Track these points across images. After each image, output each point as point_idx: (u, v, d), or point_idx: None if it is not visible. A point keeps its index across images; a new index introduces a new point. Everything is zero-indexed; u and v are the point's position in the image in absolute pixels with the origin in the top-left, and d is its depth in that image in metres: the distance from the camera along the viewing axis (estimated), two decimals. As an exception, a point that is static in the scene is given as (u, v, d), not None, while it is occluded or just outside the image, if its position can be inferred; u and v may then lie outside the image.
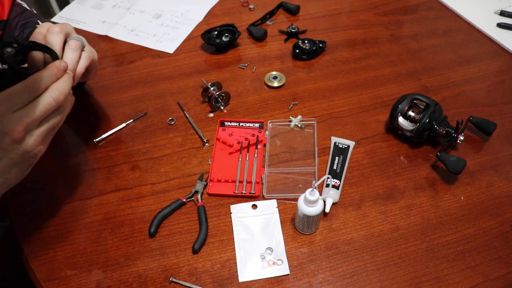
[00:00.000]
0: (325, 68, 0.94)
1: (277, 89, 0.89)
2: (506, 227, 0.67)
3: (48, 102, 0.50)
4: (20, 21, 0.80)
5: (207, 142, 0.79)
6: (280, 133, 0.80)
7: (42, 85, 0.50)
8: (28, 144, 0.50)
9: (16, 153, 0.49)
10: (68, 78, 0.54)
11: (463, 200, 0.70)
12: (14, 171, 0.51)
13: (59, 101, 0.51)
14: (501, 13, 1.06)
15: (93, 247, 0.65)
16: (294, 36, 1.01)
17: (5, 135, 0.47)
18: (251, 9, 1.10)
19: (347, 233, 0.66)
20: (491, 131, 0.77)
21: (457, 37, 1.02)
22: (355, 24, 1.05)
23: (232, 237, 0.66)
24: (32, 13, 0.84)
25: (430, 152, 0.77)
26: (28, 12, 0.84)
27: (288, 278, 0.62)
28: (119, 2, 1.12)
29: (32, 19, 0.81)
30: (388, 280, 0.61)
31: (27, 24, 0.80)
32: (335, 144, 0.77)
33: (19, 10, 0.83)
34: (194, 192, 0.71)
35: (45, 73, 0.51)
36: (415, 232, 0.66)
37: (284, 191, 0.71)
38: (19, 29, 0.79)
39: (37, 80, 0.50)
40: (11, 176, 0.51)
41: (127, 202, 0.70)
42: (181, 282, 0.61)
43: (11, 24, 0.80)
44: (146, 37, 1.02)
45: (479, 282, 0.61)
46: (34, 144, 0.50)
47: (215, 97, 0.83)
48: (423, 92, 0.87)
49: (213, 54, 0.97)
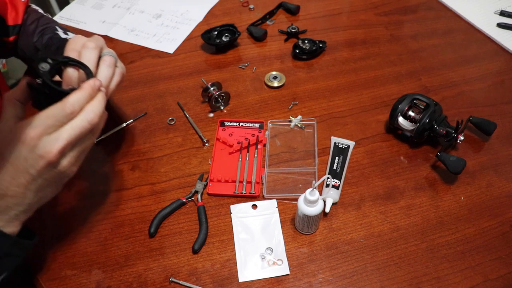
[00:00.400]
0: (325, 68, 0.94)
1: (277, 89, 0.89)
2: (506, 227, 0.67)
3: (83, 125, 0.50)
4: (38, 27, 0.81)
5: (207, 142, 0.79)
6: (280, 133, 0.80)
7: (77, 107, 0.50)
8: (63, 165, 0.50)
9: (50, 175, 0.50)
10: (102, 97, 0.53)
11: (463, 200, 0.70)
12: (48, 190, 0.52)
13: (94, 123, 0.51)
14: (501, 13, 1.06)
15: (93, 247, 0.65)
16: (294, 36, 1.01)
17: (40, 158, 0.48)
18: (251, 9, 1.10)
19: (347, 233, 0.66)
20: (491, 131, 0.77)
21: (457, 37, 1.02)
22: (355, 24, 1.05)
23: (232, 237, 0.66)
24: (49, 19, 0.85)
25: (430, 152, 0.77)
26: (45, 17, 0.84)
27: (288, 278, 0.62)
28: (119, 2, 1.12)
29: (50, 25, 0.82)
30: (388, 280, 0.61)
31: (46, 30, 0.80)
32: (335, 144, 0.77)
33: (35, 16, 0.83)
34: (194, 192, 0.71)
35: (80, 94, 0.51)
36: (415, 232, 0.66)
37: (284, 191, 0.71)
38: (37, 35, 0.79)
39: (72, 103, 0.50)
40: (45, 195, 0.52)
41: (127, 202, 0.70)
42: (181, 282, 0.61)
43: (28, 30, 0.81)
44: (146, 37, 1.02)
45: (479, 282, 0.61)
46: (68, 165, 0.51)
47: (215, 97, 0.83)
48: (423, 92, 0.87)
49: (213, 54, 0.97)
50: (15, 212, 0.50)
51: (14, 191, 0.49)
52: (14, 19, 0.81)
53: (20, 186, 0.49)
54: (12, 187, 0.49)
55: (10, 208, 0.50)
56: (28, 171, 0.48)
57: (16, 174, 0.48)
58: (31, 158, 0.48)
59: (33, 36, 0.80)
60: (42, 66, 0.53)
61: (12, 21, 0.81)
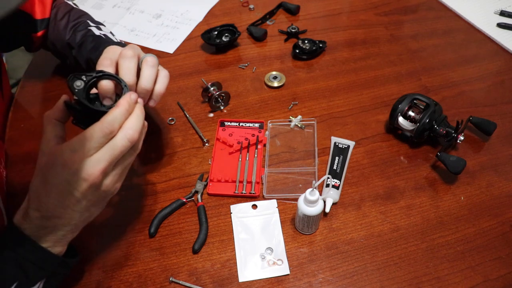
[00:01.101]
0: (325, 68, 0.94)
1: (277, 89, 0.89)
2: (506, 227, 0.67)
3: (122, 144, 0.49)
4: (70, 22, 0.79)
5: (207, 142, 0.79)
6: (280, 133, 0.80)
7: (116, 126, 0.49)
8: (106, 185, 0.50)
9: (94, 195, 0.50)
10: (140, 111, 0.52)
11: (463, 200, 0.70)
12: (93, 210, 0.52)
13: (134, 140, 0.50)
14: (501, 13, 1.06)
15: (93, 247, 0.65)
16: (294, 36, 1.01)
17: (84, 181, 0.47)
18: (251, 9, 1.10)
19: (347, 233, 0.66)
20: (491, 131, 0.77)
21: (457, 37, 1.02)
22: (355, 24, 1.05)
23: (232, 237, 0.66)
24: (80, 11, 0.83)
25: (430, 152, 0.77)
26: (75, 10, 0.82)
27: (288, 278, 0.62)
28: (119, 2, 1.12)
29: (81, 19, 0.80)
30: (388, 280, 0.61)
31: (78, 26, 0.78)
32: (335, 144, 0.77)
33: (65, 9, 0.82)
34: (194, 192, 0.71)
35: (117, 112, 0.49)
36: (415, 232, 0.66)
37: (284, 191, 0.71)
38: (69, 32, 0.78)
39: (110, 122, 0.48)
40: (90, 214, 0.52)
41: (127, 202, 0.70)
42: (181, 282, 0.61)
43: (60, 26, 0.79)
44: (146, 37, 1.02)
45: (479, 282, 0.61)
46: (111, 184, 0.50)
47: (215, 97, 0.83)
48: (423, 92, 0.87)
49: (213, 54, 0.97)
50: (62, 233, 0.50)
51: (60, 213, 0.49)
52: (42, 13, 0.80)
53: (66, 208, 0.49)
54: (58, 209, 0.49)
55: (57, 228, 0.50)
56: (73, 193, 0.48)
57: (61, 197, 0.48)
58: (74, 181, 0.47)
59: (65, 31, 0.78)
60: (76, 84, 0.52)
61: (40, 15, 0.79)
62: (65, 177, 0.47)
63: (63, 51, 0.81)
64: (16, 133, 0.81)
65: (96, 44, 0.74)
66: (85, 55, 0.75)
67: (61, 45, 0.80)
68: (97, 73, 0.54)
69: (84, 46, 0.75)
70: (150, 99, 0.62)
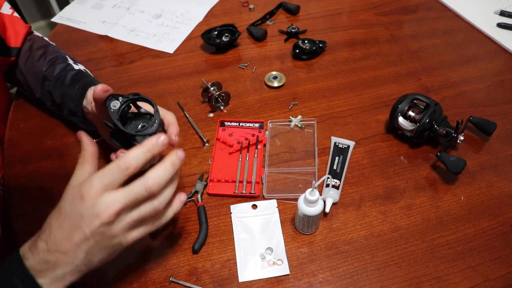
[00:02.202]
0: (325, 68, 0.94)
1: (277, 89, 0.89)
2: (506, 227, 0.67)
3: (138, 191, 0.47)
4: (48, 55, 0.78)
5: (207, 142, 0.79)
6: (280, 133, 0.80)
7: (133, 163, 0.47)
8: (117, 229, 0.48)
9: (103, 237, 0.48)
10: (169, 165, 0.49)
11: (463, 200, 0.70)
12: (99, 255, 0.49)
13: (151, 191, 0.47)
14: (501, 13, 1.06)
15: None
16: (294, 36, 1.01)
17: (96, 218, 0.46)
18: (251, 9, 1.10)
19: (347, 233, 0.66)
20: (491, 131, 0.77)
21: (457, 37, 1.02)
22: (355, 24, 1.05)
23: (232, 237, 0.66)
24: (56, 48, 0.83)
25: (430, 152, 0.77)
26: (52, 45, 0.83)
27: (288, 278, 0.62)
28: (119, 2, 1.12)
29: (59, 54, 0.80)
30: (388, 280, 0.61)
31: (57, 60, 0.78)
32: (335, 144, 0.77)
33: (41, 43, 0.82)
34: (194, 192, 0.71)
35: (138, 151, 0.48)
36: (415, 232, 0.66)
37: (284, 191, 0.71)
38: (47, 64, 0.77)
39: (127, 158, 0.47)
40: (94, 259, 0.50)
41: (127, 202, 0.70)
42: (181, 282, 0.61)
43: (35, 55, 0.79)
44: (146, 37, 1.02)
45: (479, 282, 0.61)
46: (123, 230, 0.48)
47: (215, 97, 0.83)
48: (423, 92, 0.87)
49: (213, 54, 0.97)
50: (62, 272, 0.48)
51: (65, 248, 0.48)
52: (15, 41, 0.80)
53: (73, 243, 0.47)
54: (65, 243, 0.47)
55: (58, 266, 0.48)
56: (83, 229, 0.47)
57: (71, 230, 0.47)
58: (87, 216, 0.46)
59: (42, 64, 0.77)
60: (113, 104, 0.53)
61: (13, 43, 0.80)
62: (80, 210, 0.46)
63: (34, 84, 0.79)
64: (16, 133, 0.81)
65: (76, 79, 0.73)
66: (62, 89, 0.74)
67: (33, 77, 0.78)
68: (134, 95, 0.56)
69: (62, 80, 0.74)
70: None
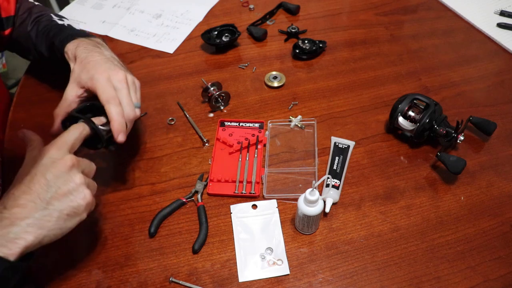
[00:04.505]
0: (325, 68, 0.94)
1: (277, 89, 0.89)
2: (506, 227, 0.67)
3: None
4: (32, 15, 0.79)
5: (207, 142, 0.79)
6: (280, 133, 0.80)
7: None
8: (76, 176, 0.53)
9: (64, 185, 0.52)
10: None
11: (463, 200, 0.70)
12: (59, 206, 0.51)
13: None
14: (501, 13, 1.06)
15: (93, 247, 0.65)
16: (294, 36, 1.01)
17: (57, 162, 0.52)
18: (251, 9, 1.10)
19: (347, 233, 0.66)
20: (491, 131, 0.77)
21: (457, 37, 1.02)
22: (355, 24, 1.05)
23: (232, 237, 0.66)
24: (42, 7, 0.82)
25: (430, 152, 0.77)
26: (37, 6, 0.82)
27: (288, 278, 0.62)
28: (119, 2, 1.12)
29: (44, 13, 0.80)
30: (388, 280, 0.61)
31: (41, 17, 0.78)
32: (335, 144, 0.77)
33: (27, 5, 0.82)
34: (194, 192, 0.71)
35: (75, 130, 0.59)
36: (415, 232, 0.66)
37: (284, 191, 0.71)
38: (31, 24, 0.78)
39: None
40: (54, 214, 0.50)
41: (127, 202, 0.70)
42: (181, 282, 0.61)
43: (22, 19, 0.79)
44: (146, 37, 1.02)
45: (479, 282, 0.61)
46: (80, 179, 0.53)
47: (215, 97, 0.83)
48: (423, 92, 0.87)
49: (213, 54, 0.97)
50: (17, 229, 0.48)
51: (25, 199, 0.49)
52: (7, 11, 0.79)
53: (33, 193, 0.49)
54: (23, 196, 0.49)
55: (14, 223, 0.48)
56: (45, 175, 0.50)
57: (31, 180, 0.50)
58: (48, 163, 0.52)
59: (27, 25, 0.78)
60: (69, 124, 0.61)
61: (5, 13, 0.79)
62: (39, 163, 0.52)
63: (27, 45, 0.80)
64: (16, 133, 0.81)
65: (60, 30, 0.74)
66: (48, 40, 0.75)
67: (24, 39, 0.80)
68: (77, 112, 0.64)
69: (46, 33, 0.75)
70: None
